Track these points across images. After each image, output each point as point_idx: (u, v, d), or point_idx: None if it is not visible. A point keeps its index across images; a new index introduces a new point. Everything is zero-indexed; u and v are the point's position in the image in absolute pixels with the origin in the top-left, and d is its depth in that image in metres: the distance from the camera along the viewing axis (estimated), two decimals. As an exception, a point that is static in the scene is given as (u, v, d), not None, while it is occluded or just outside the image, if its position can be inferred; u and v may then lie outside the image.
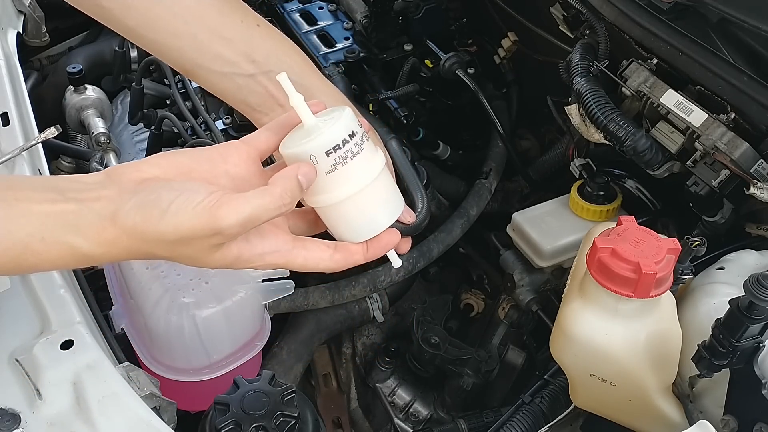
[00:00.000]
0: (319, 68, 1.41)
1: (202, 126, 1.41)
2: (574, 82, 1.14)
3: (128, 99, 1.59)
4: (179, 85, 1.49)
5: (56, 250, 0.68)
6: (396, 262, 0.82)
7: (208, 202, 0.67)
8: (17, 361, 0.83)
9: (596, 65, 1.15)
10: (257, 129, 0.85)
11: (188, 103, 1.47)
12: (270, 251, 0.73)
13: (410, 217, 0.84)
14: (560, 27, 1.29)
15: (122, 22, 0.83)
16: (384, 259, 0.82)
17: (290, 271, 1.06)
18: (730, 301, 0.77)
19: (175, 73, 1.48)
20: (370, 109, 1.37)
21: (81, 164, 1.61)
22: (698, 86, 1.05)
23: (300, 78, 0.84)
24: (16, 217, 0.67)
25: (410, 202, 0.94)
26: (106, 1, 0.81)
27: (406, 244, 0.86)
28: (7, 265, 0.68)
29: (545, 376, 1.08)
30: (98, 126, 1.56)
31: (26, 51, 1.70)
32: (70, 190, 0.69)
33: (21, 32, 1.52)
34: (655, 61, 1.10)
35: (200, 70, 0.84)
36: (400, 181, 0.96)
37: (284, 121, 0.78)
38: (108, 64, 1.71)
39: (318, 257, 0.75)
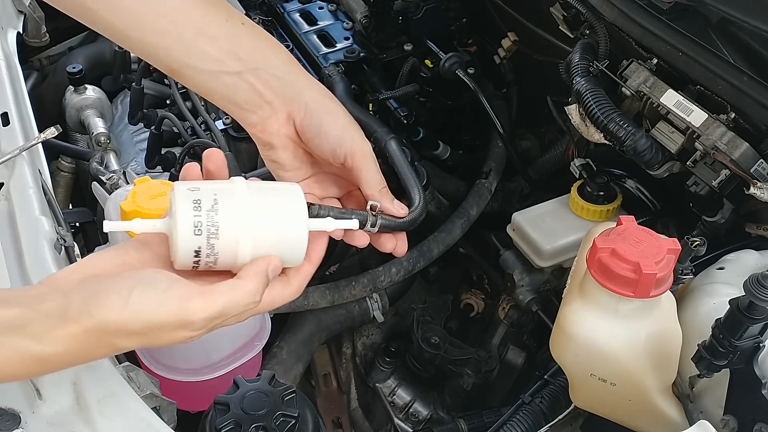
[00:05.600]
0: (319, 68, 1.43)
1: (202, 126, 1.41)
2: (574, 82, 1.14)
3: (128, 99, 1.60)
4: (179, 85, 1.49)
5: (1, 353, 0.64)
6: (351, 224, 0.79)
7: (176, 292, 0.66)
8: (17, 361, 0.83)
9: (596, 65, 1.15)
10: (247, 128, 0.86)
11: (188, 103, 1.47)
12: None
13: (403, 212, 0.84)
14: (560, 27, 1.29)
15: (108, 22, 0.82)
16: (384, 259, 0.82)
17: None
18: (730, 301, 0.77)
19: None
20: (370, 109, 1.37)
21: (81, 164, 1.61)
22: (698, 86, 1.05)
23: (285, 74, 0.85)
24: None
25: (408, 199, 0.94)
26: (92, 2, 0.81)
27: (403, 243, 0.85)
28: None
29: (545, 376, 1.08)
30: (98, 126, 1.56)
31: (26, 51, 1.70)
32: (12, 298, 0.66)
33: (21, 32, 1.52)
34: (655, 61, 1.10)
35: (187, 69, 0.84)
36: (399, 180, 0.96)
37: None
38: (108, 64, 1.71)
39: (280, 294, 0.74)
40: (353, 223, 0.79)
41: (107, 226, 0.71)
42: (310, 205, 0.78)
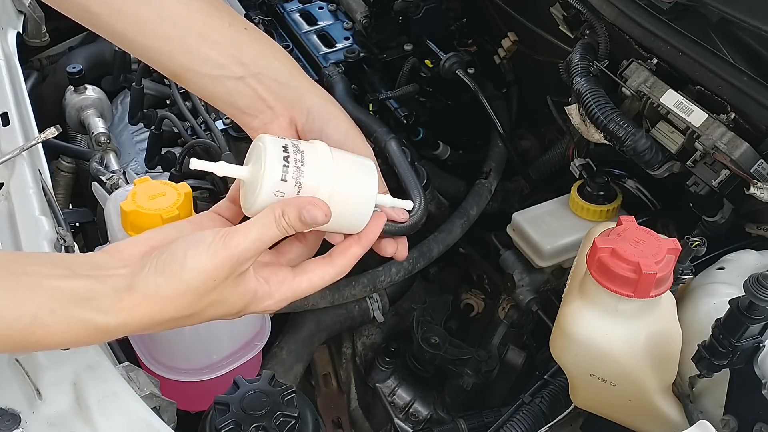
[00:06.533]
0: (319, 68, 1.43)
1: (202, 126, 1.41)
2: (574, 82, 1.14)
3: (128, 99, 1.60)
4: (179, 85, 1.49)
5: (67, 323, 0.67)
6: (407, 204, 0.83)
7: (219, 238, 0.70)
8: (17, 361, 0.83)
9: (596, 65, 1.15)
10: (248, 132, 0.86)
11: (188, 103, 1.47)
12: (276, 287, 0.76)
13: (404, 216, 0.84)
14: (560, 27, 1.29)
15: (111, 26, 0.83)
16: (384, 260, 0.82)
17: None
18: (730, 301, 0.77)
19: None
20: (370, 109, 1.37)
21: (81, 164, 1.61)
22: (698, 86, 1.05)
23: (288, 79, 0.85)
24: (25, 289, 0.66)
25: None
26: (95, 6, 0.81)
27: (404, 247, 0.86)
28: (12, 339, 0.67)
29: (545, 376, 1.08)
30: (98, 126, 1.56)
31: (26, 51, 1.70)
32: (80, 267, 0.70)
33: (21, 32, 1.52)
34: (655, 61, 1.10)
35: (189, 73, 0.84)
36: (399, 181, 0.96)
37: (235, 189, 0.81)
38: (108, 64, 1.71)
39: (320, 274, 0.77)
40: (407, 204, 0.83)
41: (194, 164, 0.74)
42: None
